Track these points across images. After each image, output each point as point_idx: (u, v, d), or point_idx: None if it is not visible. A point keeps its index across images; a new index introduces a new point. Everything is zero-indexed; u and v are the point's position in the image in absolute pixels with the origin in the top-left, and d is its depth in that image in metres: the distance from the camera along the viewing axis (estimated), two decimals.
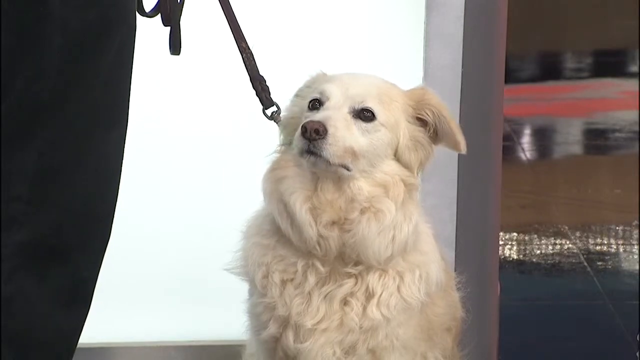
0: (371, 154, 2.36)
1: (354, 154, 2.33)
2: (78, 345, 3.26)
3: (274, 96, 2.57)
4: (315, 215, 2.35)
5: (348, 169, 2.34)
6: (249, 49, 2.59)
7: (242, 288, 2.54)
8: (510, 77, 7.13)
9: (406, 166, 2.41)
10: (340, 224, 2.36)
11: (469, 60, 3.19)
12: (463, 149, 2.46)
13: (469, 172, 3.26)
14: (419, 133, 2.43)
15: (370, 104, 2.37)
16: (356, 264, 2.40)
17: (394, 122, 2.40)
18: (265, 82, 2.57)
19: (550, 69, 9.18)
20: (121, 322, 3.40)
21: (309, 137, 2.29)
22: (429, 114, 2.44)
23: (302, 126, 2.31)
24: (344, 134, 2.32)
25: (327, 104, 2.37)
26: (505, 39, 3.29)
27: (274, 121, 2.55)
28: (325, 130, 2.29)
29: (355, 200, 2.36)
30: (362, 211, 2.36)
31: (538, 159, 6.78)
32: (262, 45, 3.19)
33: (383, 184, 2.37)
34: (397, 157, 2.41)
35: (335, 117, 2.33)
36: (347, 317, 2.40)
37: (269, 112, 2.56)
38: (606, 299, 4.33)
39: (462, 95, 3.19)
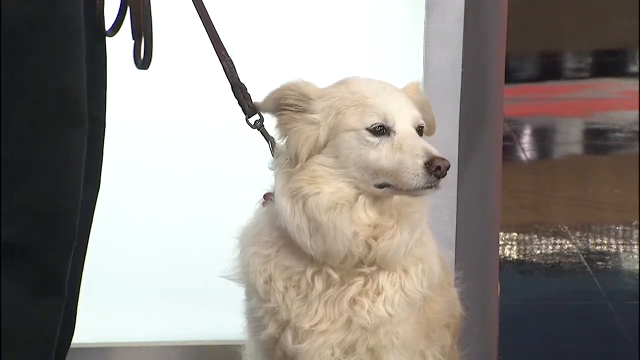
0: None
1: None
2: (78, 346, 3.26)
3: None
4: (354, 234, 2.35)
5: None
6: (228, 56, 2.57)
7: (241, 289, 2.55)
8: (510, 77, 7.14)
9: None
10: (373, 236, 2.37)
11: (469, 60, 3.19)
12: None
13: (469, 172, 3.26)
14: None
15: (422, 121, 2.40)
16: (370, 264, 2.40)
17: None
18: (246, 90, 2.56)
19: (550, 69, 9.20)
20: (121, 322, 3.41)
21: (440, 175, 2.28)
22: (419, 108, 2.45)
23: (433, 165, 2.27)
24: None
25: (398, 129, 2.34)
26: (505, 39, 3.29)
27: (258, 130, 2.53)
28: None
29: (392, 207, 2.37)
30: (398, 219, 2.37)
31: (538, 159, 6.79)
32: (262, 47, 3.21)
33: None
34: None
35: (426, 143, 2.34)
36: (357, 315, 2.40)
37: (251, 120, 2.55)
38: (606, 299, 4.33)
39: (462, 95, 3.19)
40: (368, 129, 2.34)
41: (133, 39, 2.55)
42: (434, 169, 2.27)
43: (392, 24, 3.30)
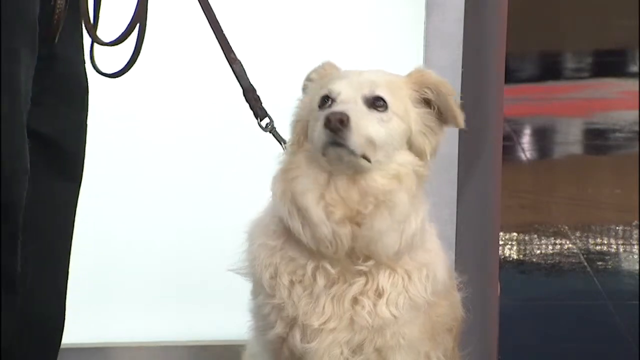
0: (388, 145, 2.35)
1: (373, 144, 2.32)
2: (78, 346, 3.27)
3: (272, 102, 2.57)
4: (328, 213, 2.34)
5: (369, 161, 2.33)
6: (238, 59, 2.59)
7: (242, 288, 2.54)
8: (510, 77, 7.13)
9: (419, 154, 2.40)
10: (352, 219, 2.35)
11: (469, 60, 3.19)
12: (461, 123, 2.45)
13: (469, 172, 3.26)
14: (427, 115, 2.43)
15: (381, 93, 2.37)
16: (366, 259, 2.38)
17: (404, 111, 2.40)
18: (256, 92, 2.57)
19: (550, 69, 9.19)
20: (121, 322, 3.40)
21: (333, 128, 2.27)
22: (429, 93, 2.44)
23: (325, 118, 2.28)
24: (365, 123, 2.31)
25: (339, 99, 2.35)
26: (505, 39, 3.29)
27: (270, 132, 2.55)
28: (349, 120, 2.28)
29: (369, 194, 2.34)
30: (377, 205, 2.35)
31: (538, 159, 6.79)
32: (261, 48, 3.21)
33: (396, 176, 2.36)
34: (409, 146, 2.40)
35: (354, 107, 2.32)
36: (358, 315, 2.40)
37: (263, 123, 2.57)
38: (606, 299, 4.33)
39: (462, 95, 3.18)
40: (318, 105, 2.37)
41: (116, 42, 2.57)
42: (326, 122, 2.28)
43: (392, 24, 3.30)
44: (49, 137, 2.58)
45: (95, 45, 2.64)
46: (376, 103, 2.36)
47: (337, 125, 2.27)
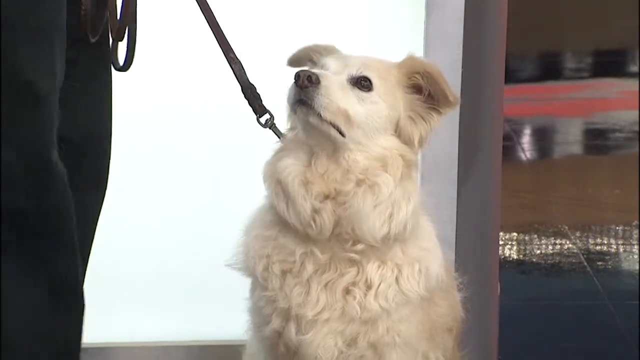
0: (368, 125, 2.36)
1: (348, 118, 2.33)
2: None
3: (268, 102, 2.57)
4: (307, 188, 2.35)
5: (342, 134, 2.33)
6: (237, 58, 2.59)
7: (242, 287, 2.55)
8: (510, 77, 7.13)
9: (407, 142, 2.41)
10: (333, 197, 2.35)
11: (469, 60, 3.19)
12: (452, 98, 2.43)
13: (469, 172, 3.26)
14: (417, 102, 2.43)
15: (368, 74, 2.39)
16: (354, 243, 2.37)
17: (392, 97, 2.41)
18: (256, 90, 2.58)
19: (550, 69, 9.19)
20: (121, 322, 3.41)
21: (300, 85, 2.30)
22: (419, 77, 2.44)
23: (295, 74, 2.31)
24: (338, 93, 2.33)
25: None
26: (505, 39, 3.29)
27: (269, 128, 2.55)
28: (318, 80, 2.30)
29: (350, 172, 2.35)
30: (358, 183, 2.35)
31: (538, 159, 6.79)
32: (259, 47, 3.21)
33: (380, 158, 2.37)
34: (398, 132, 2.41)
35: (331, 76, 2.36)
36: (348, 305, 2.39)
37: (262, 120, 2.56)
38: (606, 299, 4.33)
39: (462, 95, 3.19)
40: None
41: (115, 39, 2.54)
42: (295, 79, 2.31)
43: (392, 24, 3.30)
44: (76, 143, 2.51)
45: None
46: (361, 82, 2.38)
47: (305, 82, 2.30)
